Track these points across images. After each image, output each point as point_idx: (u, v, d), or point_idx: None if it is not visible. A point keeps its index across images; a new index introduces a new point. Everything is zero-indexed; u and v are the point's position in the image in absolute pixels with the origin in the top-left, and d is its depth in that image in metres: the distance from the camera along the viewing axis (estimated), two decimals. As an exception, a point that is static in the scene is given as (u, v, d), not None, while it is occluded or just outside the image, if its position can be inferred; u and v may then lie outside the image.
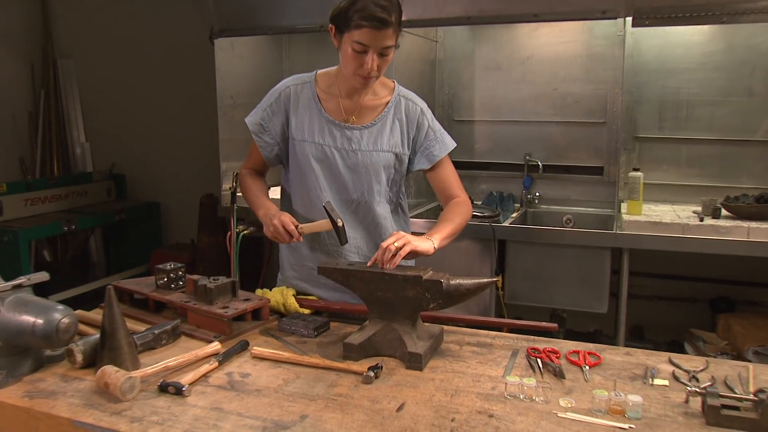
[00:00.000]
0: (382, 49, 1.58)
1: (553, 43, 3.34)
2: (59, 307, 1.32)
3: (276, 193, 1.93)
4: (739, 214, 2.71)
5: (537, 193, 3.46)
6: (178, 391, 1.25)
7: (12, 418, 1.24)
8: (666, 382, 1.32)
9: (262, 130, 1.78)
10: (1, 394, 1.26)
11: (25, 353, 1.34)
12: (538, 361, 1.41)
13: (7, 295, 1.33)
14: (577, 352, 1.45)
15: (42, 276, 1.41)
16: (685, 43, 3.11)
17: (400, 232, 1.54)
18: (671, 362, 1.42)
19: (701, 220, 2.70)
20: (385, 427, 1.14)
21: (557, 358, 1.43)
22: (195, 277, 1.68)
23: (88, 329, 1.56)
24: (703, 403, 1.17)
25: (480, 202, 3.43)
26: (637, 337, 3.21)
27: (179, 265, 1.72)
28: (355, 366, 1.37)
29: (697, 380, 1.33)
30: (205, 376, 1.34)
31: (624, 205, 2.99)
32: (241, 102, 3.36)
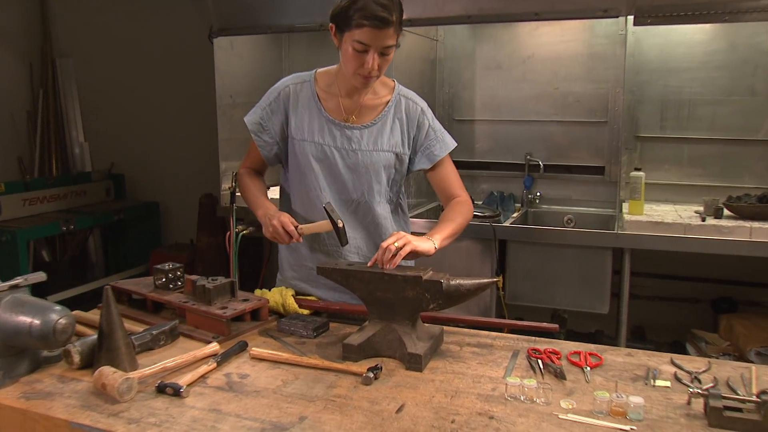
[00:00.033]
0: (383, 49, 1.57)
1: (554, 42, 3.34)
2: (56, 307, 1.31)
3: (275, 193, 1.92)
4: (742, 214, 2.70)
5: (538, 193, 3.45)
6: (176, 393, 1.24)
7: (8, 420, 1.23)
8: (668, 384, 1.31)
9: (261, 130, 1.77)
10: (-3, 396, 1.26)
11: (22, 354, 1.34)
12: (539, 362, 1.40)
13: (4, 295, 1.33)
14: (578, 353, 1.45)
15: (39, 276, 1.41)
16: (686, 42, 3.10)
17: (400, 232, 1.53)
18: (673, 363, 1.42)
19: (703, 220, 2.69)
20: (385, 429, 1.13)
21: (558, 359, 1.43)
22: (193, 278, 1.67)
23: (85, 330, 1.55)
24: (706, 404, 1.16)
25: (481, 202, 3.42)
26: (639, 338, 3.20)
27: (177, 266, 1.72)
28: (355, 367, 1.36)
29: (700, 381, 1.32)
30: (203, 377, 1.33)
31: (625, 205, 2.98)
32: (241, 101, 3.36)
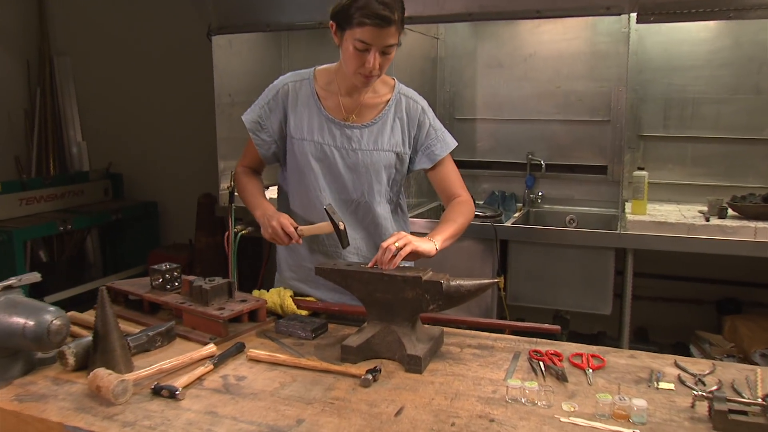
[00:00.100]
0: (384, 48, 1.55)
1: (556, 40, 3.32)
2: (50, 308, 1.30)
3: (273, 192, 1.90)
4: (746, 214, 2.68)
5: (540, 193, 3.44)
6: (172, 395, 1.23)
7: (1, 422, 1.22)
8: (671, 386, 1.30)
9: (260, 128, 1.75)
10: (-10, 398, 1.25)
11: (16, 356, 1.32)
12: (541, 363, 1.39)
13: (-3, 296, 1.31)
14: (581, 355, 1.43)
15: (33, 277, 1.40)
16: (690, 40, 3.08)
17: (401, 233, 1.51)
18: (677, 365, 1.40)
19: (707, 220, 2.67)
20: (383, 433, 1.11)
21: (560, 360, 1.41)
22: (190, 278, 1.66)
23: (81, 331, 1.54)
24: (710, 407, 1.15)
25: (482, 202, 3.41)
26: (642, 339, 3.18)
27: (174, 266, 1.70)
28: (353, 369, 1.35)
29: (704, 384, 1.31)
30: (199, 379, 1.32)
31: (628, 205, 2.96)
32: (239, 100, 3.35)
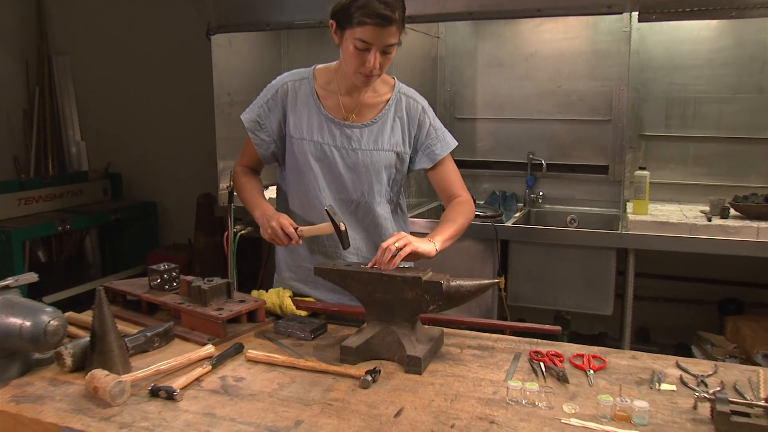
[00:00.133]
0: (385, 47, 1.55)
1: (557, 39, 3.31)
2: (47, 308, 1.29)
3: (272, 192, 1.90)
4: (748, 214, 2.67)
5: (540, 193, 3.43)
6: (170, 396, 1.22)
7: (-2, 423, 1.22)
8: (673, 387, 1.29)
9: (259, 128, 1.74)
10: (-13, 399, 1.24)
11: (13, 356, 1.32)
12: (541, 365, 1.38)
13: (-6, 296, 1.31)
14: (582, 356, 1.43)
15: (30, 277, 1.39)
16: (692, 39, 3.07)
17: (401, 233, 1.51)
18: (679, 366, 1.39)
19: (709, 219, 2.66)
20: (382, 434, 1.11)
21: (561, 361, 1.40)
22: (189, 278, 1.65)
23: (78, 331, 1.53)
24: (712, 409, 1.14)
25: (482, 202, 3.41)
26: (643, 340, 3.17)
27: (173, 266, 1.70)
28: (353, 370, 1.34)
29: (706, 385, 1.30)
30: (197, 380, 1.31)
31: (630, 205, 2.96)
32: (239, 99, 3.34)
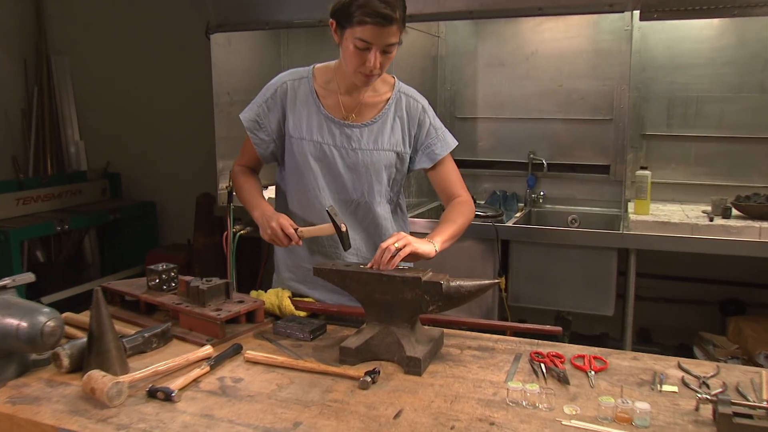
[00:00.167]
0: (385, 47, 1.54)
1: (558, 38, 3.30)
2: (44, 309, 1.29)
3: (271, 192, 1.89)
4: (750, 214, 2.66)
5: (541, 193, 3.42)
6: (168, 397, 1.22)
7: (-6, 425, 1.21)
8: (675, 389, 1.28)
9: (258, 127, 1.74)
10: (-17, 400, 1.23)
11: (9, 357, 1.31)
12: (542, 366, 1.37)
13: (-9, 297, 1.30)
14: (583, 357, 1.42)
15: (27, 277, 1.39)
16: (694, 38, 3.06)
17: (401, 233, 1.50)
18: (680, 367, 1.39)
19: (711, 219, 2.65)
20: (381, 436, 1.10)
21: (561, 362, 1.40)
22: (187, 278, 1.65)
23: (76, 332, 1.52)
24: (714, 410, 1.13)
25: (483, 202, 3.40)
26: (645, 341, 3.16)
27: (171, 266, 1.69)
28: (352, 371, 1.34)
29: (708, 386, 1.29)
30: (196, 381, 1.30)
31: (631, 205, 2.95)
32: (238, 99, 3.33)
